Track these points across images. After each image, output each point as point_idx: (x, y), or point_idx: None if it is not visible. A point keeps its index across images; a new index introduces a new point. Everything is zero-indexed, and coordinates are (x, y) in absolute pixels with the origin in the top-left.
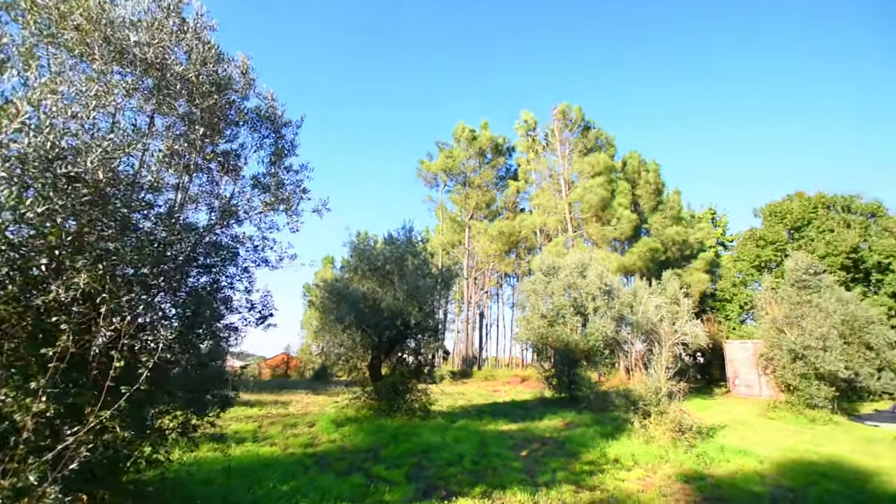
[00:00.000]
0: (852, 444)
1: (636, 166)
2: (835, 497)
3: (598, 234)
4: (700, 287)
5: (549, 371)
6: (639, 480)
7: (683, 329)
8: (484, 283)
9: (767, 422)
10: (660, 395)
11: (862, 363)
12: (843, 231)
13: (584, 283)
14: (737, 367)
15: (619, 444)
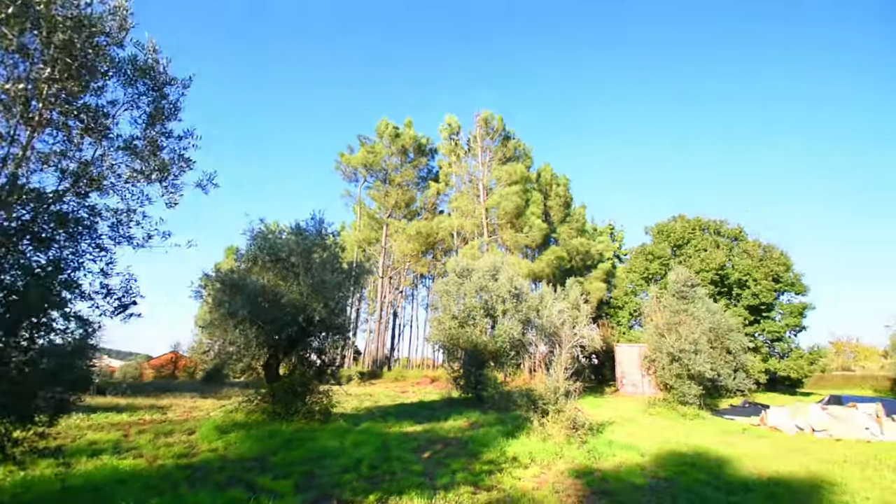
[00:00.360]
0: (714, 436)
1: (549, 179)
2: (700, 484)
3: (511, 240)
4: (598, 294)
5: (457, 371)
6: (534, 478)
7: (582, 333)
8: (399, 283)
9: (648, 418)
10: (558, 394)
11: (723, 365)
12: (714, 251)
13: (496, 286)
14: (625, 367)
15: (519, 443)
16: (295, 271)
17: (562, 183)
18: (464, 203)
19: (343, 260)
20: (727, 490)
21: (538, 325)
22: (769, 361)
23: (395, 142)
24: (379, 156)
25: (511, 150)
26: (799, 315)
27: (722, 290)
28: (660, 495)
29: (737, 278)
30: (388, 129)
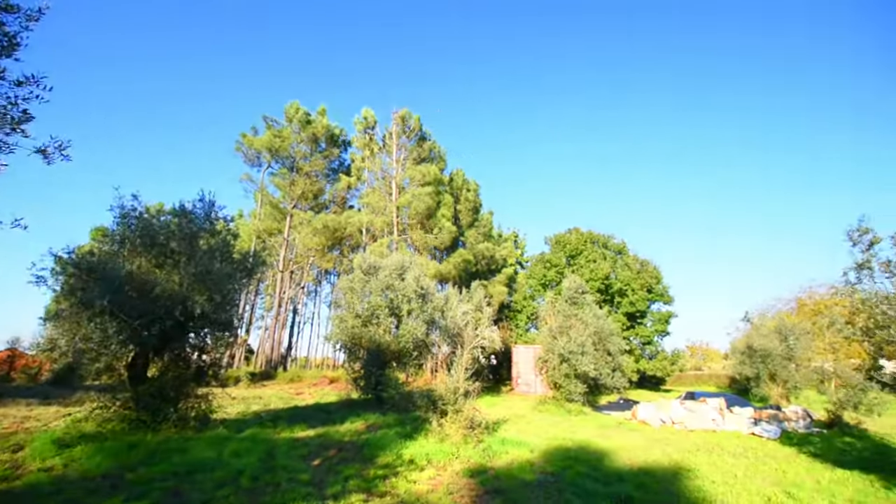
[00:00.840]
0: (594, 430)
1: (460, 183)
2: (582, 477)
3: (421, 240)
4: (500, 298)
5: (358, 372)
6: (430, 480)
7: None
8: (302, 278)
9: (539, 415)
10: (457, 394)
11: (604, 365)
12: (602, 262)
13: (402, 285)
14: (520, 368)
15: (416, 445)
16: (175, 258)
17: (472, 188)
18: (375, 200)
19: (237, 249)
20: (605, 481)
21: (442, 325)
22: (640, 362)
23: (305, 128)
24: (287, 141)
25: (426, 152)
26: (665, 322)
27: (606, 298)
28: (547, 490)
29: (618, 288)
30: (299, 113)
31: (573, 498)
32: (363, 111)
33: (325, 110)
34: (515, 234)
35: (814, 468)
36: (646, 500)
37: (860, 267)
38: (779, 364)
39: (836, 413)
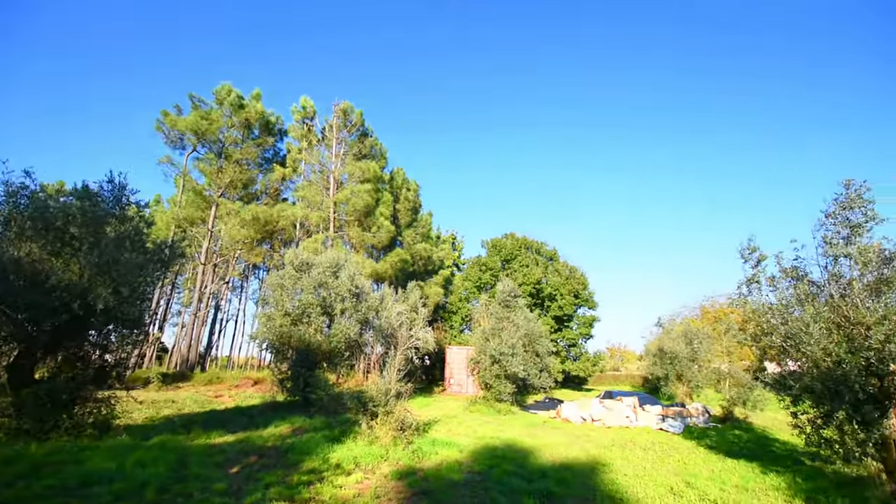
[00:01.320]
0: (521, 429)
1: (401, 182)
2: (508, 475)
3: (358, 238)
4: (436, 299)
5: (284, 373)
6: (357, 484)
7: (418, 335)
8: (226, 273)
9: (469, 415)
10: (389, 395)
11: (532, 366)
12: (534, 267)
13: (336, 283)
14: (453, 368)
15: (344, 448)
16: (75, 245)
17: (413, 188)
18: (311, 194)
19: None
20: (529, 478)
21: (377, 325)
22: (566, 363)
23: (237, 112)
24: (215, 125)
25: (367, 148)
26: (590, 326)
27: (537, 302)
28: (474, 489)
29: (549, 293)
30: (231, 96)
31: (498, 496)
32: (302, 100)
33: (261, 95)
34: (454, 237)
35: (709, 459)
36: (565, 494)
37: (750, 281)
38: (684, 365)
39: (728, 409)
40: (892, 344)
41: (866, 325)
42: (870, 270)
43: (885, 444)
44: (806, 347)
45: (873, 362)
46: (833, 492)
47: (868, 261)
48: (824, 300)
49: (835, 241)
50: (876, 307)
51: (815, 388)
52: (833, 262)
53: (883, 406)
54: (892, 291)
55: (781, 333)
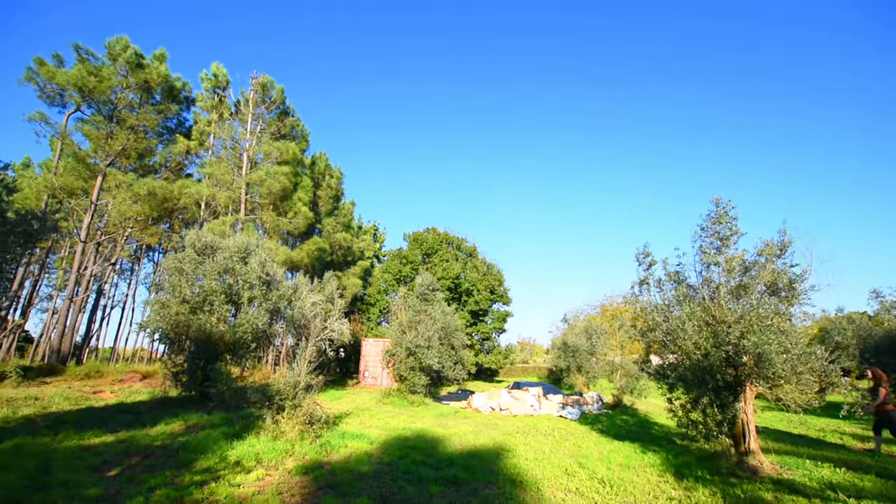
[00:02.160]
0: (432, 419)
1: (323, 168)
2: (417, 464)
3: (272, 223)
4: (354, 290)
5: (180, 366)
6: (258, 482)
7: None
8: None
9: (382, 407)
10: (297, 388)
11: (447, 358)
12: (454, 263)
13: (245, 269)
14: (369, 361)
15: (245, 444)
16: None
17: (335, 175)
18: (221, 172)
19: (15, 207)
20: (437, 466)
21: (288, 316)
22: (479, 356)
23: (135, 73)
24: (107, 83)
25: (287, 128)
26: (503, 320)
27: (455, 296)
28: (382, 480)
29: (466, 287)
30: (128, 52)
31: (406, 485)
32: (213, 66)
33: (165, 56)
34: (375, 228)
35: (600, 442)
36: (471, 480)
37: (641, 282)
38: (584, 358)
39: (618, 397)
40: (746, 339)
41: (728, 324)
42: (733, 277)
43: (735, 423)
44: (681, 342)
45: (732, 355)
46: (696, 465)
47: (732, 268)
48: (698, 301)
49: (708, 250)
50: (736, 308)
51: (687, 376)
52: (706, 268)
53: (736, 391)
54: (749, 295)
55: (663, 329)
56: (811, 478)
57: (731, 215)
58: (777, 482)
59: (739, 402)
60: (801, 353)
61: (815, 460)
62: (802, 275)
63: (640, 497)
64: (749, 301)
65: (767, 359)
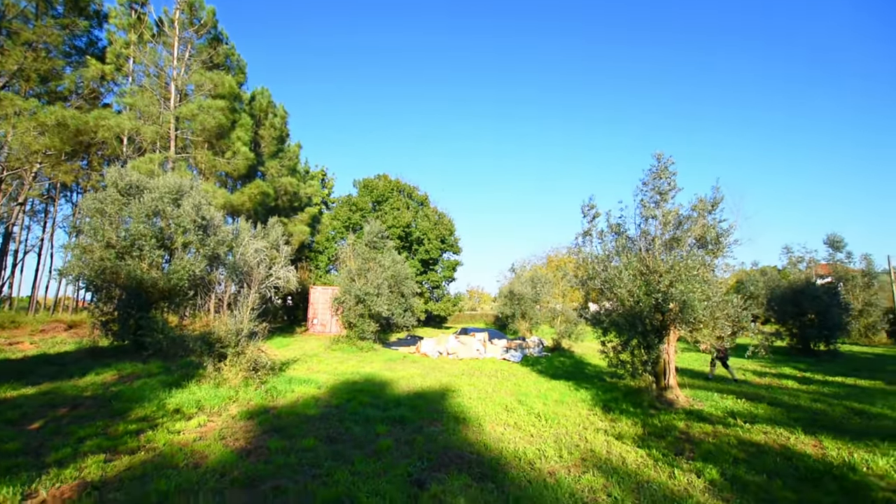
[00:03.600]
0: (381, 364)
1: (264, 105)
2: (365, 406)
3: (208, 163)
4: (301, 237)
5: (109, 314)
6: (199, 428)
7: (278, 274)
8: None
9: (331, 353)
10: (240, 336)
11: (397, 306)
12: (405, 211)
13: (177, 212)
14: (317, 309)
15: (186, 393)
16: None
17: (279, 114)
18: (144, 103)
19: None
20: (384, 408)
21: (230, 263)
22: (429, 304)
23: None
24: None
25: (221, 57)
26: (453, 269)
27: (405, 245)
28: (329, 421)
29: (417, 236)
30: None
31: (353, 426)
32: None
33: None
34: (324, 173)
35: (539, 381)
36: (417, 418)
37: (585, 233)
38: (528, 305)
39: (557, 341)
40: (674, 288)
41: (660, 273)
42: (668, 230)
43: (658, 363)
44: (617, 289)
45: (661, 301)
46: (622, 399)
47: (668, 222)
48: (635, 252)
49: (648, 204)
50: (668, 259)
51: (620, 321)
52: (645, 221)
53: (661, 335)
54: (680, 248)
55: (602, 278)
56: (717, 408)
57: (670, 171)
58: (689, 412)
59: (664, 344)
60: (719, 301)
61: (722, 393)
62: (729, 230)
63: (571, 428)
64: (680, 253)
65: (691, 305)
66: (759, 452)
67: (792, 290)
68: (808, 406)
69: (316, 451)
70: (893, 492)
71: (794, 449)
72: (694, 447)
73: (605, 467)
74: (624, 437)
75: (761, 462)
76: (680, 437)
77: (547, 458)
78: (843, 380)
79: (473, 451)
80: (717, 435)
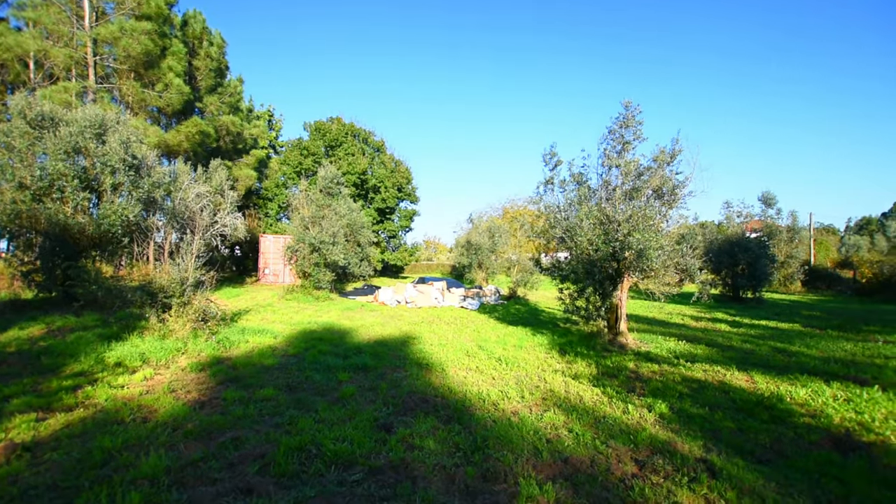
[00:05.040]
0: (339, 313)
1: (199, 32)
2: (324, 354)
3: (136, 95)
4: (247, 182)
5: (30, 263)
6: (145, 381)
7: (224, 221)
8: None
9: (286, 303)
10: (185, 285)
11: (353, 255)
12: (360, 157)
13: (103, 150)
14: (268, 258)
15: (128, 345)
16: None
17: (216, 43)
18: (51, 20)
19: None
20: (345, 356)
21: (168, 208)
22: (385, 253)
23: None
24: None
25: None
26: (410, 219)
27: (361, 193)
28: (288, 371)
29: (373, 184)
30: None
31: (314, 374)
32: None
33: None
34: (270, 113)
35: (497, 328)
36: (379, 365)
37: (546, 182)
38: (485, 255)
39: (513, 289)
40: (632, 237)
41: (618, 222)
42: (628, 181)
43: (611, 309)
44: (578, 238)
45: (618, 250)
46: (577, 343)
47: (629, 172)
48: (595, 202)
49: (611, 154)
50: (627, 209)
51: (578, 270)
52: (608, 171)
53: (616, 282)
54: (639, 198)
55: (563, 227)
56: (661, 349)
57: (637, 119)
58: (637, 354)
59: (617, 291)
60: (671, 251)
61: (665, 336)
62: (685, 181)
63: (531, 370)
64: (637, 203)
65: (647, 254)
66: (700, 388)
67: (728, 242)
68: (739, 346)
69: (276, 401)
70: (811, 416)
71: (730, 384)
72: (644, 385)
73: (565, 405)
74: (580, 377)
75: (703, 396)
76: (630, 377)
77: (509, 398)
78: (767, 323)
79: (438, 394)
80: (663, 374)
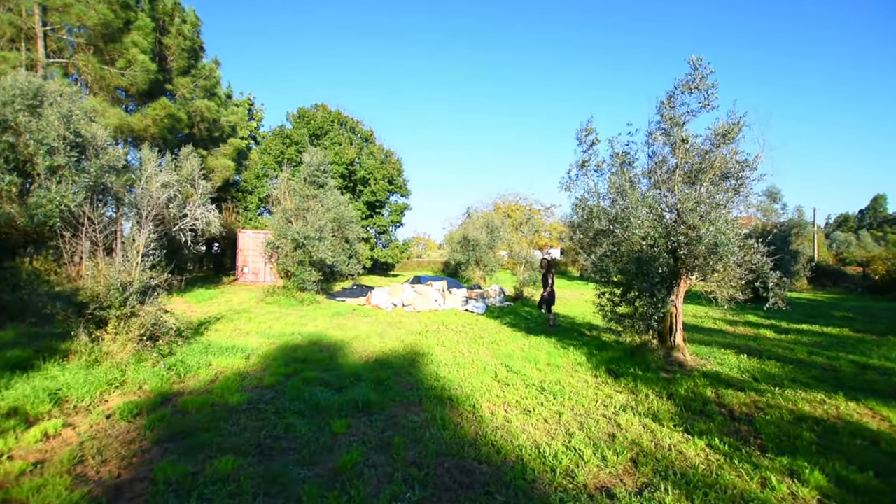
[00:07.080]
0: (327, 320)
1: (170, 8)
2: (311, 385)
3: (94, 72)
4: (224, 174)
5: None
6: (42, 443)
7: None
8: None
9: (265, 307)
10: (128, 292)
11: (341, 252)
12: (348, 147)
13: (37, 125)
14: (247, 255)
15: (39, 378)
16: None
17: (190, 20)
18: None
19: None
20: (339, 385)
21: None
22: (375, 250)
23: None
24: None
25: None
26: (401, 213)
27: (349, 185)
28: (261, 414)
29: (362, 176)
30: None
31: (297, 420)
32: None
33: None
34: (251, 102)
35: (515, 337)
36: (386, 400)
37: (582, 164)
38: (483, 252)
39: (520, 289)
40: (703, 228)
41: (682, 211)
42: (690, 159)
43: (662, 318)
44: (632, 230)
45: (682, 244)
46: (624, 359)
47: (694, 148)
48: (647, 186)
49: (671, 127)
50: (692, 194)
51: (630, 269)
52: (671, 148)
53: (671, 285)
54: (703, 181)
55: (609, 217)
56: (727, 366)
57: (709, 82)
58: (705, 375)
59: (672, 296)
60: (743, 245)
61: (710, 346)
62: (753, 161)
63: (589, 405)
64: (700, 188)
65: (722, 250)
66: (826, 432)
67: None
68: (809, 360)
69: (237, 482)
70: None
71: (858, 423)
72: (753, 430)
73: (668, 473)
74: (661, 418)
75: (843, 447)
76: (721, 413)
77: (585, 461)
78: (810, 327)
79: (480, 456)
80: (757, 406)
